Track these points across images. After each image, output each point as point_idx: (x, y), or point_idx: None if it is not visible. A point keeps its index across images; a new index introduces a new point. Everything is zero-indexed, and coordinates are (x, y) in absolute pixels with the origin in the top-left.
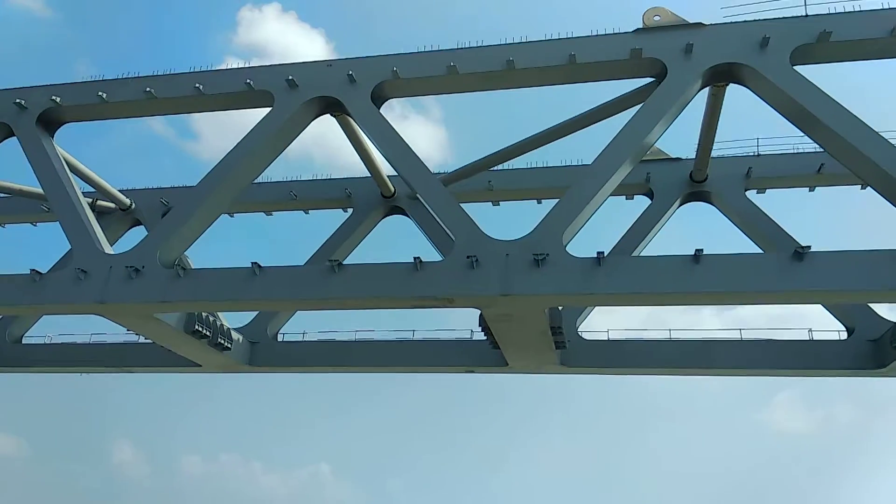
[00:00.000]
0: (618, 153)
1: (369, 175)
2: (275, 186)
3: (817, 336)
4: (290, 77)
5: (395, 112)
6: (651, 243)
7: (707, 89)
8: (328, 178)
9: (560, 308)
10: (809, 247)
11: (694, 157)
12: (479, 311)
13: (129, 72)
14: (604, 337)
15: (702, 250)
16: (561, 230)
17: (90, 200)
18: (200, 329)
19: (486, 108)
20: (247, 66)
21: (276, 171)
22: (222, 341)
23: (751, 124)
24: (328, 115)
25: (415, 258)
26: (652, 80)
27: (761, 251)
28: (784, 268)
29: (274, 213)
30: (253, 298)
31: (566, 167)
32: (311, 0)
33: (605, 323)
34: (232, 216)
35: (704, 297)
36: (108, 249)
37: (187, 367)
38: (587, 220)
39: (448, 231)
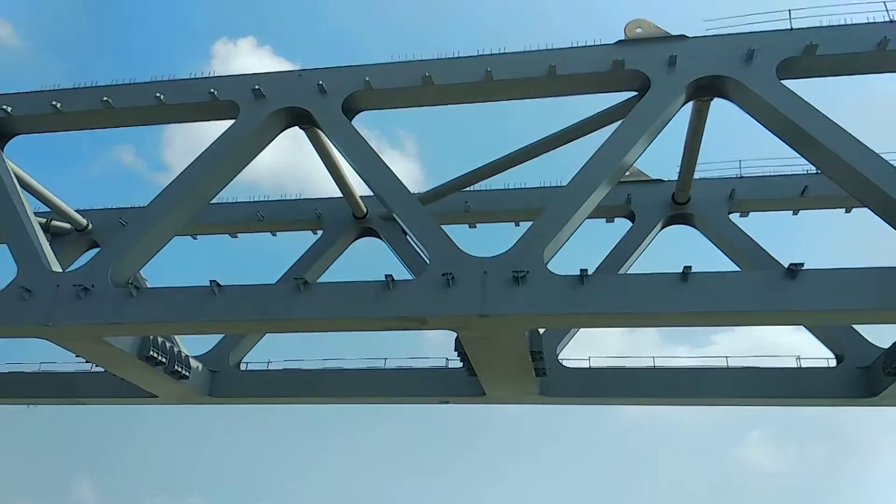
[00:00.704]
0: (602, 165)
1: (340, 196)
2: (240, 206)
3: (805, 363)
4: (257, 87)
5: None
6: (632, 268)
7: (691, 105)
8: (297, 197)
9: (541, 332)
10: (802, 264)
11: (675, 178)
12: (455, 335)
13: None
14: (585, 365)
15: (690, 268)
16: (542, 247)
17: (44, 220)
18: (155, 355)
19: (462, 142)
20: (211, 75)
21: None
22: (179, 369)
23: (732, 145)
24: (297, 129)
25: (386, 276)
26: (634, 94)
27: None
28: (776, 286)
29: (239, 234)
30: (211, 319)
31: (545, 188)
32: (286, 35)
33: (579, 355)
34: (195, 238)
35: (693, 318)
36: (56, 267)
37: (143, 399)
38: (569, 236)
39: (422, 250)
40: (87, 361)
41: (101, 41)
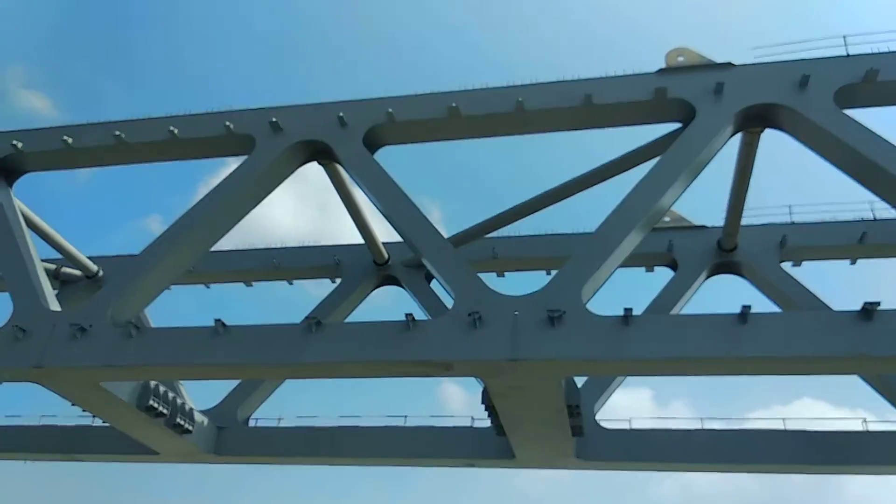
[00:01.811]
0: (647, 196)
1: (360, 242)
2: (254, 253)
3: (873, 427)
4: (274, 119)
5: None
6: None
7: (738, 140)
8: (315, 244)
9: (578, 386)
10: (879, 303)
11: (719, 225)
12: (482, 386)
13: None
14: (625, 425)
15: (749, 307)
16: (580, 285)
17: (54, 266)
18: (156, 405)
19: (487, 206)
20: (227, 109)
21: None
22: (182, 422)
23: (778, 192)
24: (315, 164)
25: (407, 315)
26: (676, 127)
27: None
28: (849, 328)
29: (254, 283)
30: (215, 363)
31: (577, 235)
32: None
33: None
34: (208, 287)
35: (754, 364)
36: (55, 306)
37: (143, 456)
38: (609, 275)
39: (449, 294)
40: (84, 410)
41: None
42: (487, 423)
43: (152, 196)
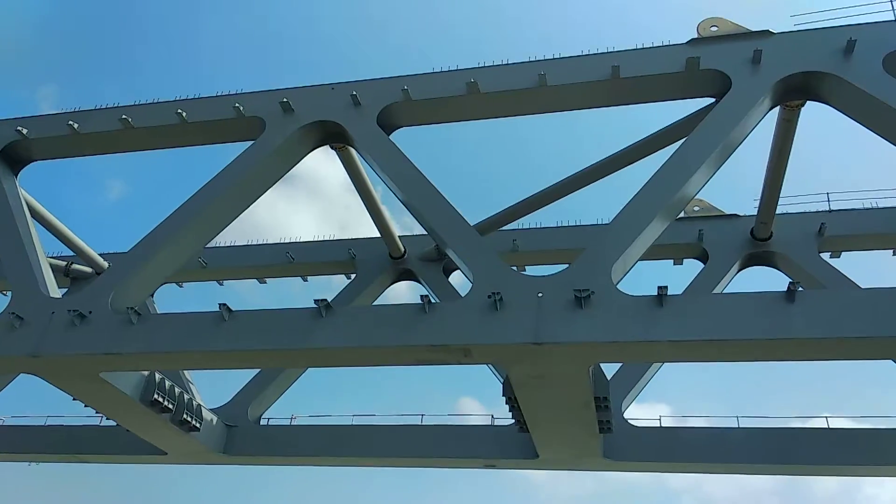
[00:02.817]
0: (678, 172)
1: (376, 236)
2: (268, 248)
3: None
4: (285, 100)
5: None
6: None
7: (776, 115)
8: (330, 238)
9: (607, 377)
10: None
11: (752, 214)
12: (503, 376)
13: None
14: (655, 423)
15: (797, 284)
16: (610, 262)
17: (64, 263)
18: (160, 399)
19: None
20: (237, 92)
21: None
22: (189, 418)
23: (813, 180)
24: (328, 148)
25: (423, 297)
26: (710, 101)
27: None
28: None
29: (268, 279)
30: (219, 349)
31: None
32: (299, 179)
33: None
34: (221, 284)
35: (803, 347)
36: (55, 293)
37: (150, 456)
38: (641, 253)
39: (467, 272)
40: (86, 406)
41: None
42: (508, 421)
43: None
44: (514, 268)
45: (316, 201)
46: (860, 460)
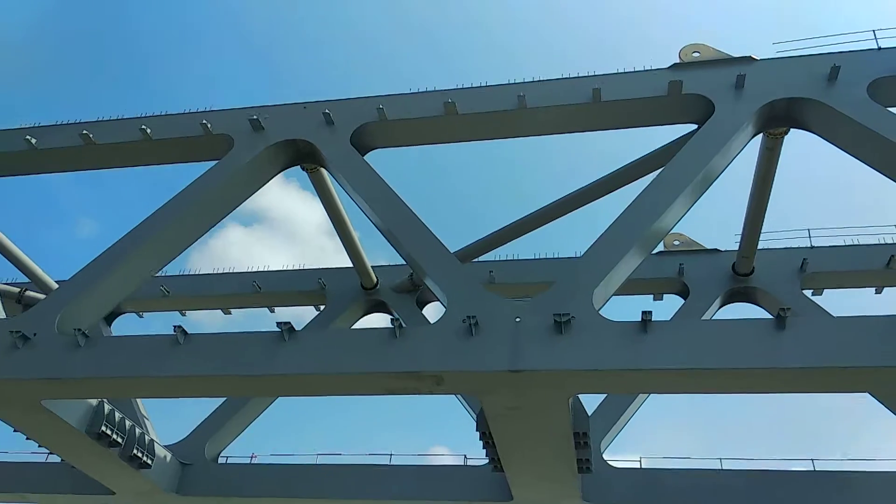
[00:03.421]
0: (663, 194)
1: (348, 266)
2: (234, 277)
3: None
4: (255, 117)
5: None
6: None
7: (758, 145)
8: (299, 267)
9: (587, 412)
10: None
11: (733, 250)
12: (477, 412)
13: None
14: (635, 464)
15: (788, 310)
16: (591, 287)
17: (18, 290)
18: (108, 432)
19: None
20: (205, 110)
21: None
22: (139, 454)
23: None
24: (298, 169)
25: (393, 321)
26: (692, 128)
27: None
28: None
29: (234, 310)
30: (173, 374)
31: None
32: (276, 221)
33: None
34: (183, 314)
35: (795, 378)
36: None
37: (97, 496)
38: (624, 279)
39: (441, 296)
40: (27, 438)
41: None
42: (482, 461)
43: None
44: None
45: (293, 244)
46: (847, 503)
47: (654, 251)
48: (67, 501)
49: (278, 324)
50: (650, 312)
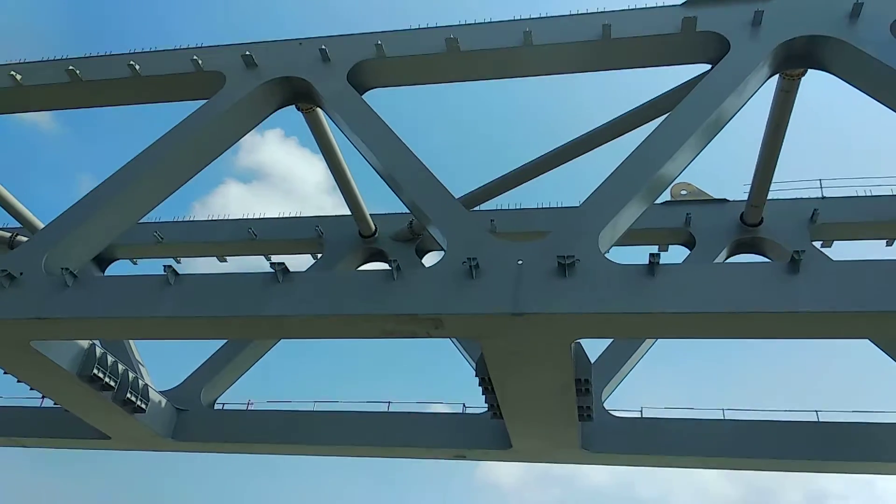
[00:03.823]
0: (674, 135)
1: (346, 214)
2: (230, 224)
3: None
4: (248, 53)
5: None
6: None
7: (774, 87)
8: (296, 214)
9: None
10: None
11: (742, 200)
12: (476, 359)
13: None
14: (636, 414)
15: (802, 252)
16: (597, 229)
17: (9, 234)
18: (100, 375)
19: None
20: (197, 46)
21: None
22: (132, 398)
23: (805, 165)
24: (293, 109)
25: (391, 261)
26: (706, 68)
27: None
28: None
29: (229, 258)
30: (162, 315)
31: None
32: (275, 178)
33: None
34: (178, 262)
35: (811, 322)
36: None
37: (93, 441)
38: (631, 223)
39: (441, 238)
40: (18, 381)
41: (132, 134)
42: (480, 410)
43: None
44: None
45: (291, 202)
46: (851, 456)
47: (661, 201)
48: (63, 446)
49: (272, 264)
50: (658, 255)
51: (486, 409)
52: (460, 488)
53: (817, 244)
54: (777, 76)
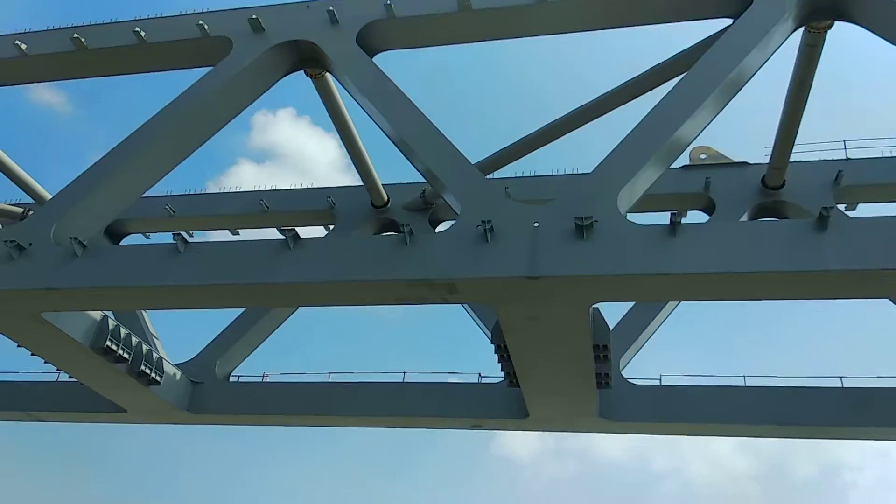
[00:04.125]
0: (694, 92)
1: (357, 185)
2: (242, 196)
3: None
4: (255, 17)
5: None
6: None
7: (798, 41)
8: (308, 186)
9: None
10: None
11: (763, 163)
12: (491, 327)
13: None
14: (655, 381)
15: (831, 209)
16: (616, 189)
17: (21, 210)
18: (114, 347)
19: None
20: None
21: None
22: (147, 370)
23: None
24: (302, 74)
25: (403, 226)
26: (727, 23)
27: None
28: None
29: (241, 231)
30: (172, 284)
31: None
32: (288, 157)
33: None
34: (191, 235)
35: (836, 282)
36: None
37: (110, 414)
38: (652, 181)
39: (455, 201)
40: (32, 354)
41: (145, 115)
42: (497, 379)
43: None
44: None
45: (303, 181)
46: (875, 421)
47: (680, 165)
48: (80, 420)
49: (282, 230)
50: (679, 214)
51: (503, 378)
52: (474, 462)
53: (841, 207)
54: (802, 30)
